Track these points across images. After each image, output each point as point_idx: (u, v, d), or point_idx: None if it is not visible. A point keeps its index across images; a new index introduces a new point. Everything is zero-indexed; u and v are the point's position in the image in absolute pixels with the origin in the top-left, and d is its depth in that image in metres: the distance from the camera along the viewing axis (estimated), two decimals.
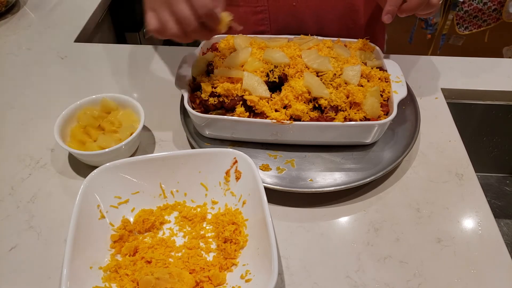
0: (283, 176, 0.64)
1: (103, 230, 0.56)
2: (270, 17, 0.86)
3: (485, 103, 0.88)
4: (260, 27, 0.88)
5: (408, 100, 0.75)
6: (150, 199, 0.61)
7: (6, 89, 0.85)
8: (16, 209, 0.63)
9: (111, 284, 0.51)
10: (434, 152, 0.71)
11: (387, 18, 0.67)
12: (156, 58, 0.92)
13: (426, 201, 0.64)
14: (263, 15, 0.86)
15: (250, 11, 0.86)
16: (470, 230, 0.60)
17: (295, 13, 0.85)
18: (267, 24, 0.87)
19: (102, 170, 0.57)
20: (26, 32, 1.02)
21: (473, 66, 0.90)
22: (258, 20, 0.87)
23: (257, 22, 0.87)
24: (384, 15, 0.67)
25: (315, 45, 0.74)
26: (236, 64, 0.69)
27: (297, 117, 0.64)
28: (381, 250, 0.58)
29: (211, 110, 0.67)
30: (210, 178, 0.61)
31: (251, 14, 0.87)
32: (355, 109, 0.65)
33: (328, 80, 0.67)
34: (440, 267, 0.56)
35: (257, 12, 0.86)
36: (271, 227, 0.50)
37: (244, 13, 0.87)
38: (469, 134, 0.94)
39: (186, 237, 0.58)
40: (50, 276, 0.55)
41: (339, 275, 0.55)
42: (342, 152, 0.68)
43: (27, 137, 0.74)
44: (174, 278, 0.50)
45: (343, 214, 0.62)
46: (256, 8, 0.86)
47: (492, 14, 1.53)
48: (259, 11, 0.86)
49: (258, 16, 0.87)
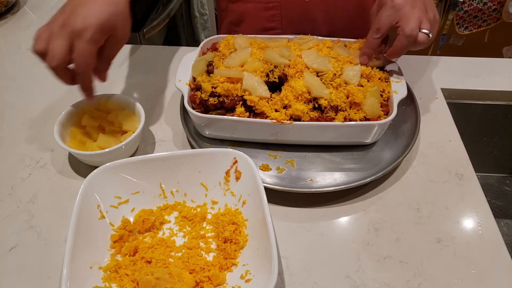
0: (283, 176, 0.64)
1: (103, 230, 0.56)
2: (282, 13, 0.86)
3: (485, 103, 0.88)
4: (271, 23, 0.88)
5: (408, 100, 0.75)
6: (150, 199, 0.61)
7: (6, 89, 0.85)
8: (16, 209, 0.63)
9: (111, 284, 0.51)
10: (434, 152, 0.71)
11: (362, 59, 0.70)
12: (156, 58, 0.92)
13: (426, 201, 0.64)
14: (275, 11, 0.86)
15: (261, 7, 0.87)
16: (470, 230, 0.60)
17: (306, 10, 0.85)
18: (278, 20, 0.87)
19: (102, 170, 0.57)
20: (26, 32, 1.02)
21: (473, 66, 0.90)
22: (269, 16, 0.87)
23: (268, 18, 0.87)
24: (360, 56, 0.70)
25: (315, 45, 0.74)
26: (236, 64, 0.69)
27: (297, 117, 0.64)
28: (381, 250, 0.58)
29: (211, 110, 0.67)
30: (210, 178, 0.61)
31: (262, 10, 0.87)
32: (355, 109, 0.65)
33: (328, 80, 0.67)
34: (440, 267, 0.56)
35: (268, 8, 0.86)
36: (271, 227, 0.50)
37: (255, 9, 0.87)
38: (469, 134, 0.94)
39: (186, 237, 0.58)
40: (50, 276, 0.55)
41: (339, 275, 0.55)
42: (342, 152, 0.68)
43: (27, 137, 0.74)
44: (174, 278, 0.50)
45: (343, 214, 0.62)
46: (268, 4, 0.86)
47: (492, 14, 1.52)
48: (270, 7, 0.86)
49: (269, 12, 0.87)
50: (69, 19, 0.56)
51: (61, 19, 0.57)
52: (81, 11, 0.57)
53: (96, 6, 0.57)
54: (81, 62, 0.57)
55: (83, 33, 0.56)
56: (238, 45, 0.74)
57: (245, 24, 0.90)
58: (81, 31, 0.56)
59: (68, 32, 0.56)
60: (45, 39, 0.57)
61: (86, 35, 0.56)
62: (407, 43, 0.63)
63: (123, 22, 0.61)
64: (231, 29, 0.93)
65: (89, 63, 0.58)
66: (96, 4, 0.57)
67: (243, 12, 0.89)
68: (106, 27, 0.58)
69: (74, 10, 0.57)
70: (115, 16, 0.59)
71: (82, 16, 0.56)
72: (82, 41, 0.56)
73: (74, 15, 0.56)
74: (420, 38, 0.63)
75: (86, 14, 0.56)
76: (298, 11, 0.85)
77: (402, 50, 0.65)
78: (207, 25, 2.00)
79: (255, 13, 0.87)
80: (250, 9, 0.87)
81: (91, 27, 0.56)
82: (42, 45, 0.57)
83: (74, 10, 0.57)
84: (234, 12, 0.90)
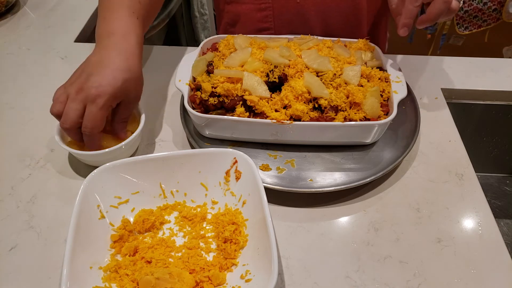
0: (283, 176, 0.64)
1: (103, 230, 0.56)
2: (274, 14, 0.86)
3: (485, 103, 0.88)
4: (264, 24, 0.88)
5: (408, 100, 0.75)
6: (150, 199, 0.61)
7: (6, 89, 0.85)
8: (16, 209, 0.63)
9: (111, 284, 0.51)
10: (434, 152, 0.71)
11: (403, 32, 0.66)
12: (156, 58, 0.92)
13: (426, 201, 0.64)
14: (267, 12, 0.86)
15: (254, 8, 0.87)
16: (470, 230, 0.60)
17: (299, 10, 0.85)
18: (271, 21, 0.87)
19: (102, 170, 0.57)
20: (26, 32, 1.02)
21: (473, 66, 0.90)
22: (262, 17, 0.87)
23: (261, 19, 0.87)
24: (400, 28, 0.66)
25: (315, 45, 0.74)
26: (236, 64, 0.69)
27: (297, 117, 0.64)
28: (381, 250, 0.58)
29: (211, 110, 0.67)
30: (210, 178, 0.61)
31: (255, 11, 0.87)
32: (355, 109, 0.65)
33: (328, 80, 0.67)
34: (440, 267, 0.56)
35: (261, 9, 0.86)
36: (271, 227, 0.50)
37: (248, 10, 0.87)
38: (469, 134, 0.94)
39: (186, 237, 0.58)
40: (50, 276, 0.55)
41: (339, 275, 0.55)
42: (342, 152, 0.68)
43: (27, 137, 0.74)
44: (174, 278, 0.50)
45: (343, 214, 0.62)
46: (261, 5, 0.86)
47: (492, 14, 1.52)
48: (263, 8, 0.86)
49: (262, 13, 0.87)
50: (85, 85, 0.60)
51: (78, 84, 0.60)
52: (96, 78, 0.60)
53: (110, 73, 0.60)
54: (89, 125, 0.60)
55: (96, 99, 0.59)
56: (238, 45, 0.74)
57: (240, 25, 0.91)
58: (95, 98, 0.59)
59: (83, 98, 0.59)
60: (63, 102, 0.61)
61: (100, 101, 0.59)
62: (443, 7, 0.62)
63: (136, 85, 0.65)
64: (228, 30, 0.94)
65: (97, 126, 0.61)
66: (110, 71, 0.60)
67: (238, 13, 0.89)
68: (120, 93, 0.61)
69: (90, 76, 0.60)
70: (128, 82, 0.62)
71: (97, 84, 0.59)
72: (94, 106, 0.59)
73: (90, 81, 0.60)
74: (454, 5, 0.63)
75: (101, 82, 0.60)
76: (291, 12, 0.86)
77: (437, 17, 0.63)
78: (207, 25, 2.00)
79: (248, 14, 0.88)
80: (244, 10, 0.88)
81: (105, 94, 0.59)
82: (60, 108, 0.61)
83: (89, 76, 0.60)
84: (229, 13, 0.91)
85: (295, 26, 0.87)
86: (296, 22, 0.87)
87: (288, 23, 0.87)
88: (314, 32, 0.81)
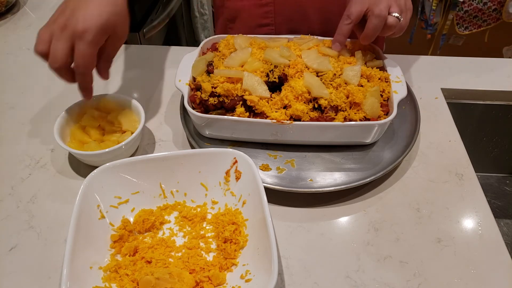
0: (283, 176, 0.64)
1: (103, 230, 0.56)
2: (275, 10, 0.87)
3: (485, 103, 0.88)
4: (265, 20, 0.88)
5: (408, 100, 0.75)
6: (150, 199, 0.61)
7: (6, 89, 0.85)
8: (16, 209, 0.63)
9: (111, 284, 0.51)
10: (434, 152, 0.71)
11: (335, 47, 0.71)
12: (156, 58, 0.92)
13: (426, 201, 0.64)
14: (269, 8, 0.86)
15: (255, 4, 0.87)
16: (470, 230, 0.60)
17: (300, 7, 0.85)
18: (272, 17, 0.88)
19: (102, 170, 0.57)
20: (26, 32, 1.02)
21: (473, 66, 0.90)
22: (263, 13, 0.87)
23: (262, 15, 0.88)
24: (332, 43, 0.71)
25: (315, 45, 0.74)
26: (236, 64, 0.69)
27: (297, 117, 0.64)
28: (381, 250, 0.58)
29: (211, 110, 0.67)
30: (210, 178, 0.61)
31: (256, 7, 0.87)
32: (355, 109, 0.65)
33: (328, 80, 0.67)
34: (440, 267, 0.56)
35: (262, 5, 0.86)
36: (271, 227, 0.50)
37: (249, 6, 0.87)
38: (469, 134, 0.94)
39: (186, 237, 0.58)
40: (50, 276, 0.55)
41: (339, 275, 0.55)
42: (342, 152, 0.68)
43: (27, 137, 0.74)
44: (174, 278, 0.50)
45: (343, 214, 0.62)
46: (262, 1, 0.86)
47: (492, 14, 1.52)
48: (264, 3, 0.86)
49: (263, 9, 0.87)
50: (70, 21, 0.57)
51: (61, 20, 0.58)
52: (81, 13, 0.57)
53: (95, 7, 0.58)
54: (82, 64, 0.58)
55: (84, 35, 0.56)
56: (238, 45, 0.74)
57: (240, 21, 0.91)
58: (82, 33, 0.56)
59: (69, 34, 0.57)
60: (46, 40, 0.58)
61: (87, 37, 0.57)
62: (377, 22, 0.64)
63: (122, 21, 0.62)
64: (227, 26, 0.94)
65: (90, 64, 0.59)
66: (95, 5, 0.58)
67: (238, 9, 0.89)
68: (107, 28, 0.59)
69: (74, 11, 0.57)
70: (115, 16, 0.59)
71: (82, 18, 0.56)
72: (83, 43, 0.57)
73: (74, 16, 0.57)
74: (390, 21, 0.64)
75: (86, 16, 0.57)
76: (292, 8, 0.86)
77: (374, 32, 0.66)
78: (207, 25, 2.00)
79: (249, 10, 0.88)
80: (245, 6, 0.88)
81: (92, 29, 0.57)
82: (44, 47, 0.58)
83: (74, 11, 0.58)
84: (229, 9, 0.91)
85: (295, 23, 0.87)
86: (296, 18, 0.87)
87: (289, 20, 0.87)
88: (314, 29, 0.81)
